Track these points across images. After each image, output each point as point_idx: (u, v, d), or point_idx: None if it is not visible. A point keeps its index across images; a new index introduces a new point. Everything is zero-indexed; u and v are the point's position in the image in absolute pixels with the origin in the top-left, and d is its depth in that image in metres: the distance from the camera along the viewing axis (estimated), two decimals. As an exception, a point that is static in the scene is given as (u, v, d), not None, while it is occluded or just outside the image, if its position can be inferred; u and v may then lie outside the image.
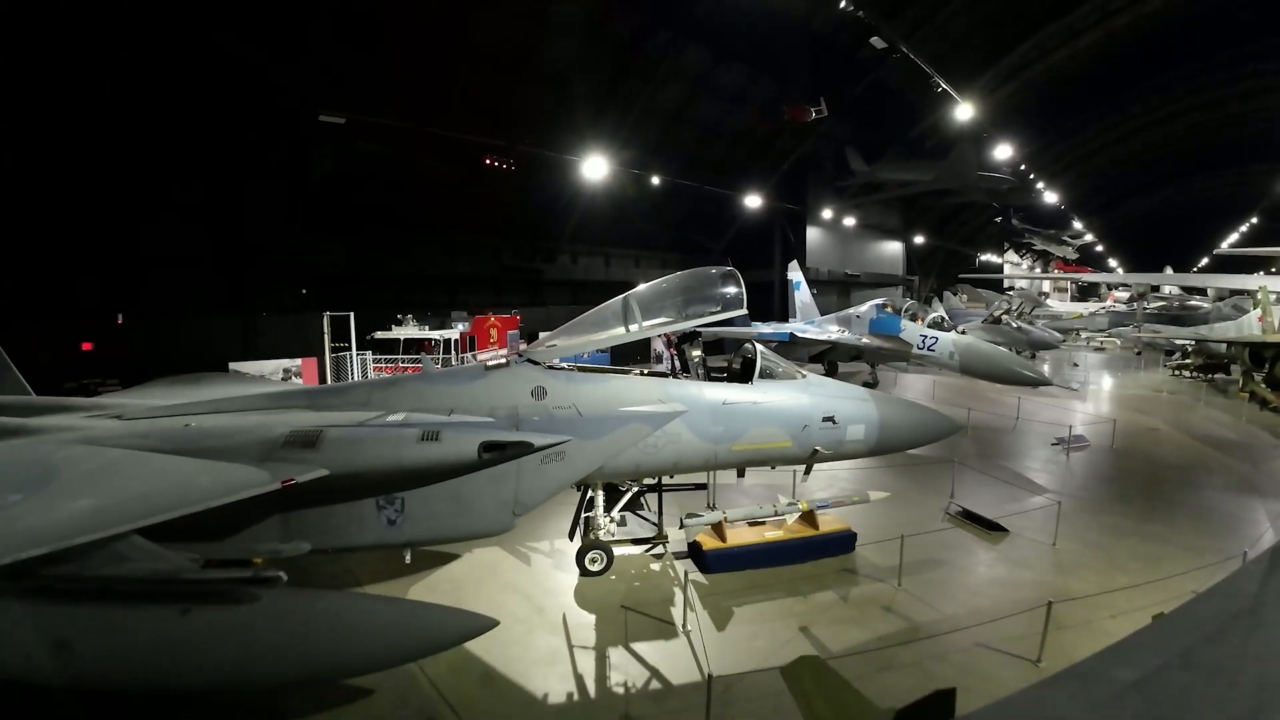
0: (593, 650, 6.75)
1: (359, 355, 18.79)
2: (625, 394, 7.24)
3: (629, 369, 8.18)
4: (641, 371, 7.98)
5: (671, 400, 7.28)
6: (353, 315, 18.42)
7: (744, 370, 7.91)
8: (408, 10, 19.01)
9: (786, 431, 7.61)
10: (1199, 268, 60.14)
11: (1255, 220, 62.03)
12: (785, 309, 30.38)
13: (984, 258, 62.50)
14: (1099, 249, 72.37)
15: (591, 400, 7.11)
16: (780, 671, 4.06)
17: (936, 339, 19.04)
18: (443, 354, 19.96)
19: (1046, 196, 44.74)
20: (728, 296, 7.39)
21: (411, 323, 20.36)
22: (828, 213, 38.32)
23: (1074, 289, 63.01)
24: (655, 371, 8.12)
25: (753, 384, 7.61)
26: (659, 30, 24.39)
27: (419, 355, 18.65)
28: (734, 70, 28.19)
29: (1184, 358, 28.50)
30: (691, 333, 8.02)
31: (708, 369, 8.04)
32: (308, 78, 18.59)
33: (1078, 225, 58.66)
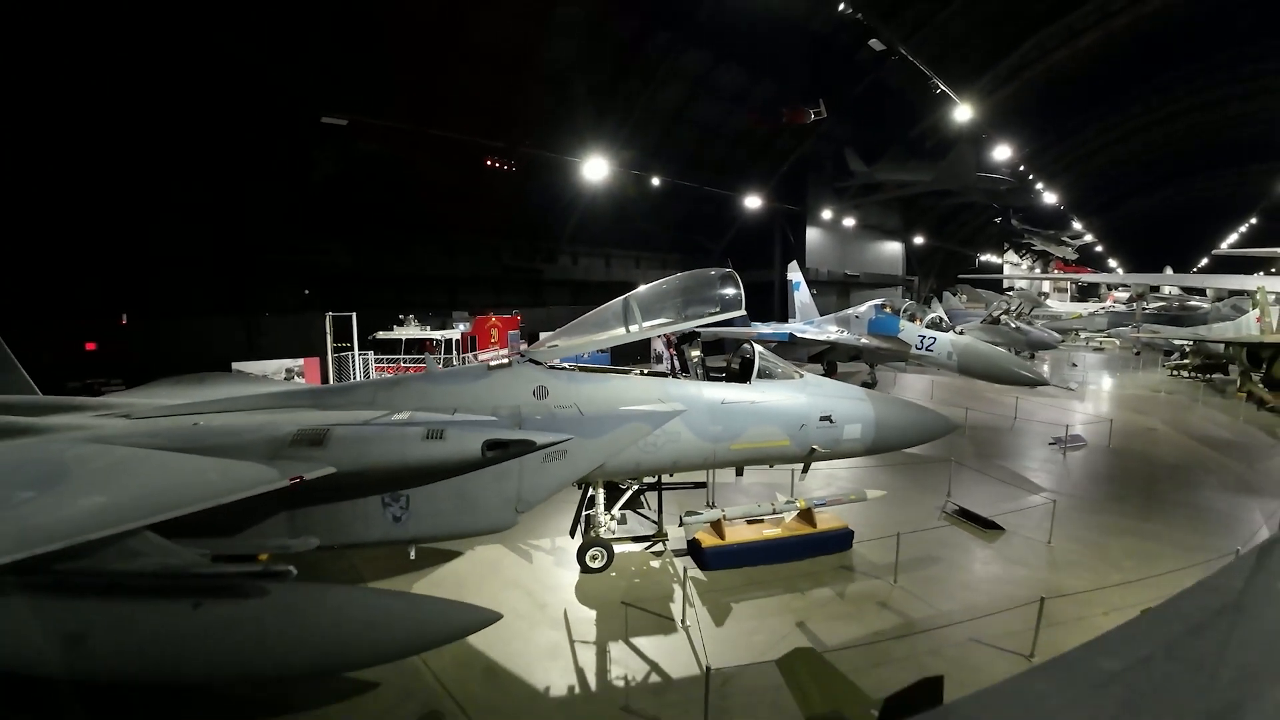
0: (594, 645, 6.86)
1: (360, 355, 18.89)
2: (625, 394, 7.34)
3: (629, 369, 8.26)
4: (641, 371, 8.06)
5: (671, 400, 7.37)
6: (355, 316, 18.54)
7: (742, 370, 7.99)
8: (408, 11, 19.09)
9: (784, 430, 7.70)
10: (1199, 268, 60.27)
11: (1255, 220, 62.09)
12: (785, 309, 30.43)
13: (984, 258, 62.42)
14: (1099, 249, 72.40)
15: (592, 400, 7.20)
16: (776, 663, 4.20)
17: (934, 339, 19.13)
18: (444, 354, 20.06)
19: (1046, 197, 44.74)
20: (726, 298, 7.48)
21: (413, 323, 20.42)
22: (827, 213, 38.32)
23: (1074, 289, 62.96)
24: (655, 371, 8.20)
25: (751, 384, 7.70)
26: (659, 31, 24.43)
27: (422, 355, 18.73)
28: (733, 71, 28.22)
29: (1182, 358, 28.60)
30: (691, 333, 8.13)
31: (707, 369, 8.14)
32: (309, 79, 18.67)
33: (1077, 225, 58.59)
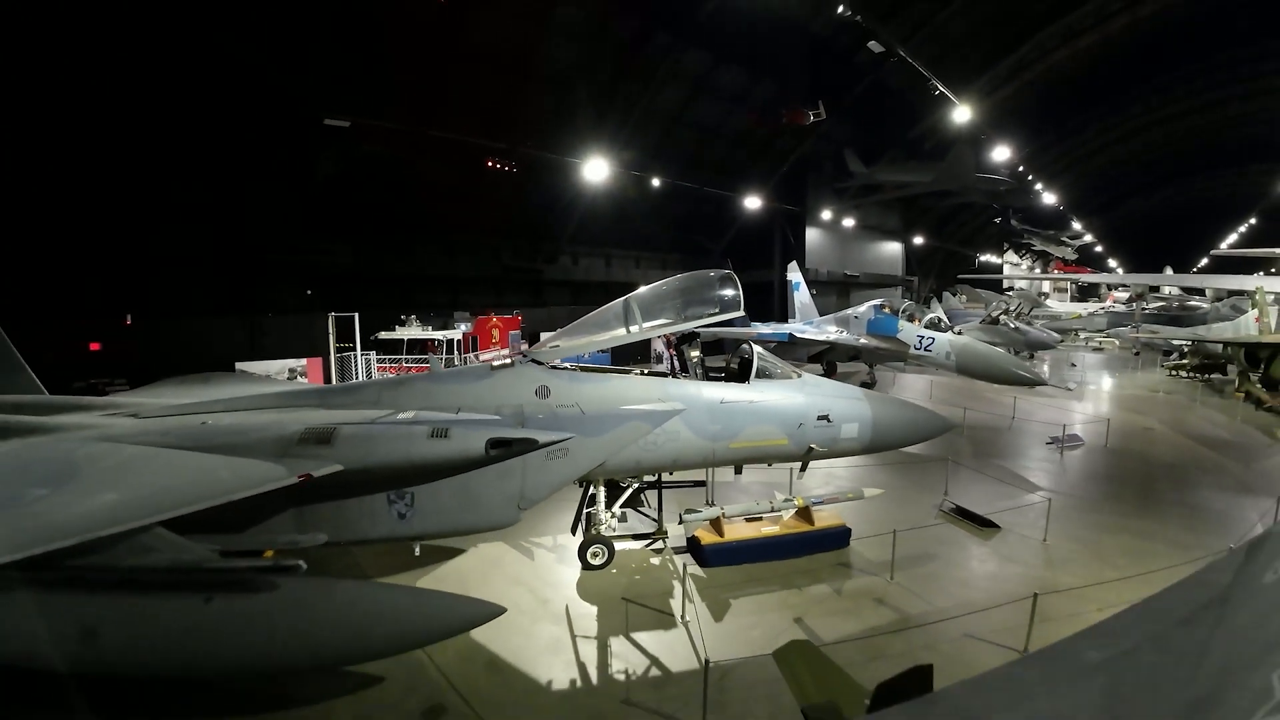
0: (595, 639, 6.98)
1: (363, 355, 19.01)
2: (626, 393, 7.44)
3: (630, 369, 8.37)
4: (642, 371, 8.17)
5: (671, 399, 7.47)
6: (357, 316, 18.65)
7: (741, 370, 8.08)
8: (409, 13, 19.20)
9: (782, 429, 7.80)
10: (1198, 268, 60.33)
11: (1254, 221, 62.12)
12: (784, 309, 30.52)
13: (983, 258, 62.49)
14: (1098, 249, 72.42)
15: (593, 399, 7.31)
16: (772, 655, 4.31)
17: (933, 339, 19.23)
18: (446, 354, 20.18)
19: (1046, 197, 44.75)
20: (725, 299, 7.58)
21: (415, 323, 20.55)
22: (827, 214, 38.40)
23: (1073, 289, 63.01)
24: (655, 371, 8.30)
25: (750, 383, 7.80)
26: (659, 32, 24.53)
27: (424, 356, 18.85)
28: (733, 72, 28.31)
29: (1181, 358, 28.70)
30: (691, 333, 8.24)
31: (706, 369, 8.25)
32: (310, 80, 18.81)
33: (1077, 226, 58.63)
